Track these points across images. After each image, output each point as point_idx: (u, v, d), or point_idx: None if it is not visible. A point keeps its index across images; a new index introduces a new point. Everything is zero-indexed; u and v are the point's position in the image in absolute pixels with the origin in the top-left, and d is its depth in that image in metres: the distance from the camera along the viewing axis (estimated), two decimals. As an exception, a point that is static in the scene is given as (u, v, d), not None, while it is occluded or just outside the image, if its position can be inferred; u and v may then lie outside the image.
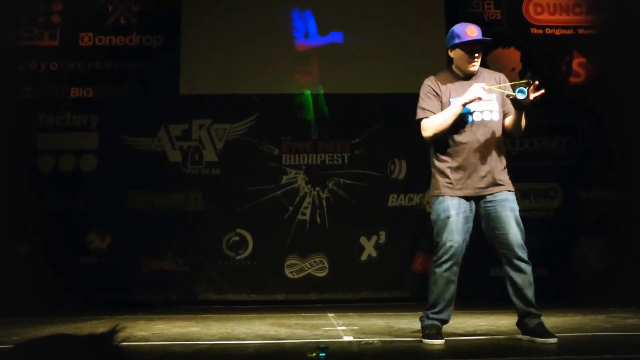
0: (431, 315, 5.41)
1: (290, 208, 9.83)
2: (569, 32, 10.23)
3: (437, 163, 5.53)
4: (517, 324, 5.49)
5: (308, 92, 9.98)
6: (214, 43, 10.10)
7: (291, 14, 10.14)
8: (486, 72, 5.69)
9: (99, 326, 6.56)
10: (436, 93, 5.52)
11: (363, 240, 9.80)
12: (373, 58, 9.92)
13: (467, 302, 8.56)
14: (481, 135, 5.42)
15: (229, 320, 7.43)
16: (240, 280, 9.72)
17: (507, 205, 5.37)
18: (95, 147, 9.82)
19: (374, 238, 9.79)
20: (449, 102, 5.44)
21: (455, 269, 5.38)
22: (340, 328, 6.46)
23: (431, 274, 5.42)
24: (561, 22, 10.25)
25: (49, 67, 9.93)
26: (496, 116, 5.49)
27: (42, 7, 10.02)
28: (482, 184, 5.40)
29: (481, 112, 5.44)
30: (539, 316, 5.41)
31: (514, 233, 5.31)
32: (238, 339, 5.82)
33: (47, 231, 9.41)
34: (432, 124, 5.43)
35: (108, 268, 9.50)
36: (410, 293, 9.49)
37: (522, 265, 5.36)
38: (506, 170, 5.57)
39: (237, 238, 9.77)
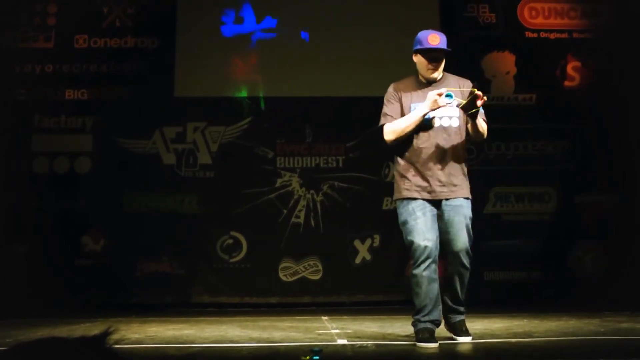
0: (422, 319, 5.42)
1: (285, 211, 9.82)
2: (564, 36, 10.24)
3: (398, 167, 5.68)
4: (443, 315, 5.66)
5: None
6: (209, 45, 10.10)
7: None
8: (451, 78, 5.75)
9: (93, 328, 6.55)
10: (397, 99, 5.65)
11: (357, 243, 9.80)
12: (368, 61, 9.92)
13: (461, 305, 8.58)
14: (441, 141, 5.53)
15: (223, 323, 7.43)
16: (234, 283, 9.72)
17: (461, 212, 5.59)
18: (90, 150, 9.81)
19: (368, 241, 9.79)
20: (410, 107, 5.55)
21: (434, 267, 5.45)
22: (334, 331, 6.46)
23: (412, 277, 5.46)
24: (556, 26, 10.26)
25: (44, 69, 9.92)
26: (456, 122, 5.58)
27: (37, 9, 10.01)
28: (441, 189, 5.53)
29: (440, 118, 5.54)
30: (463, 314, 5.70)
31: (463, 240, 5.53)
32: (232, 341, 5.82)
33: (41, 233, 9.40)
34: (393, 129, 5.57)
35: (102, 270, 9.50)
36: (404, 296, 9.44)
37: (465, 272, 5.58)
38: (466, 176, 5.73)
39: (231, 241, 9.76)
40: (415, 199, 5.51)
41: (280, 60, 10.09)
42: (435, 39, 5.55)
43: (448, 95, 5.36)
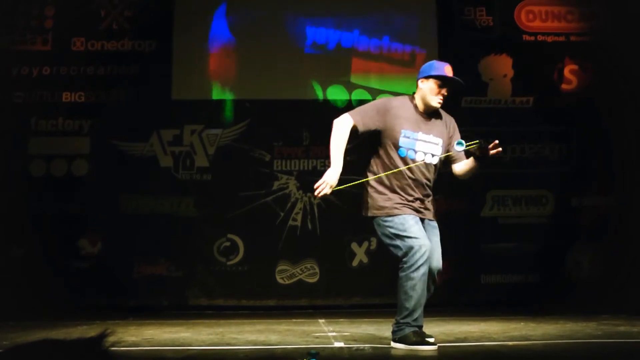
0: (412, 323, 5.42)
1: (282, 214, 9.82)
2: (561, 39, 10.26)
3: (381, 188, 5.75)
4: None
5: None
6: (206, 48, 10.10)
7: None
8: (443, 114, 5.89)
9: (89, 331, 6.54)
10: (385, 113, 5.65)
11: (354, 246, 9.80)
12: (365, 63, 9.92)
13: (459, 309, 8.61)
14: (420, 175, 5.67)
15: (220, 325, 7.43)
16: (231, 286, 9.72)
17: (436, 232, 5.71)
18: (88, 152, 9.81)
19: (365, 244, 9.79)
20: (400, 132, 5.62)
21: (427, 270, 5.48)
22: (331, 334, 6.46)
23: (407, 280, 5.40)
24: (553, 29, 10.27)
25: (42, 71, 9.92)
26: (436, 160, 5.74)
27: (34, 12, 10.00)
28: (422, 210, 5.68)
29: (425, 153, 5.67)
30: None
31: (437, 259, 5.59)
32: (229, 344, 5.82)
33: (38, 235, 9.39)
34: (336, 134, 5.90)
35: (99, 273, 9.49)
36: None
37: (433, 288, 5.66)
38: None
39: (228, 243, 9.76)
40: (402, 212, 5.57)
41: (277, 63, 10.09)
42: (451, 71, 5.63)
43: (459, 143, 5.53)
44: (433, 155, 5.68)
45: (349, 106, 9.81)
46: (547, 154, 10.04)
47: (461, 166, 5.79)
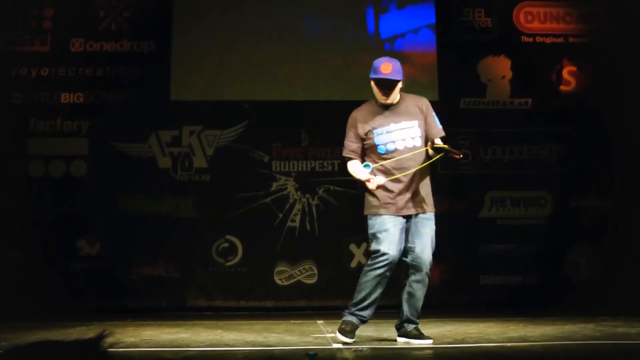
0: (355, 311, 5.81)
1: (280, 215, 9.82)
2: (560, 40, 10.26)
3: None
4: (396, 325, 6.03)
5: None
6: (205, 49, 10.10)
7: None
8: (409, 99, 6.02)
9: (88, 332, 6.54)
10: (355, 129, 5.96)
11: (353, 247, 9.80)
12: (365, 65, 9.91)
13: (457, 310, 8.61)
14: (407, 161, 5.78)
15: (218, 326, 7.42)
16: (230, 287, 9.71)
17: (428, 224, 5.82)
18: (86, 153, 9.80)
19: (364, 245, 9.75)
20: (372, 132, 5.86)
21: (388, 274, 5.77)
22: (330, 335, 6.45)
23: (364, 274, 5.82)
24: (552, 30, 10.27)
25: (40, 72, 9.91)
26: (419, 142, 5.84)
27: (33, 13, 10.00)
28: (408, 205, 5.79)
29: (404, 139, 5.82)
30: (417, 323, 5.92)
31: (428, 251, 5.75)
32: (227, 345, 5.82)
33: (37, 236, 9.38)
34: (350, 170, 6.08)
35: (98, 274, 9.48)
36: (399, 301, 9.47)
37: (426, 280, 5.81)
38: (430, 192, 5.94)
39: (226, 244, 9.76)
40: (386, 214, 5.77)
41: (275, 64, 10.09)
42: (387, 67, 5.83)
43: (366, 166, 5.82)
44: (413, 138, 5.82)
45: (346, 105, 9.83)
46: (545, 155, 10.04)
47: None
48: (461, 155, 5.65)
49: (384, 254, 5.65)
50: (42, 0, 10.05)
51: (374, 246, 5.77)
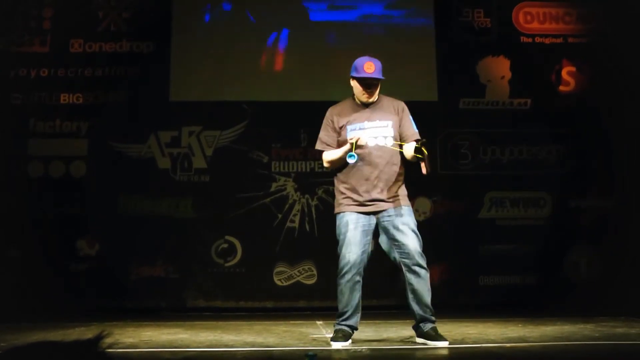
0: (341, 323, 5.80)
1: (280, 215, 9.82)
2: (559, 40, 10.26)
3: (336, 183, 6.06)
4: (413, 327, 5.91)
5: None
6: (205, 50, 10.10)
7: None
8: (386, 100, 6.13)
9: (87, 332, 6.54)
10: (333, 124, 6.09)
11: (352, 248, 9.79)
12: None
13: (456, 310, 8.60)
14: (376, 158, 5.85)
15: (218, 327, 7.41)
16: (229, 288, 9.71)
17: (405, 217, 5.84)
18: (85, 154, 9.80)
19: (363, 245, 9.78)
20: (347, 129, 5.96)
21: (357, 278, 5.82)
22: (329, 336, 6.44)
23: (337, 285, 5.85)
24: (551, 30, 10.27)
25: (40, 73, 9.91)
26: (390, 141, 5.90)
27: (32, 13, 9.99)
28: (379, 201, 5.84)
29: (375, 137, 5.89)
30: (433, 321, 5.81)
31: (412, 241, 5.76)
32: (226, 346, 5.82)
33: (36, 237, 9.38)
34: (327, 159, 6.06)
35: (97, 274, 9.49)
36: (398, 301, 9.46)
37: (422, 271, 5.74)
38: (403, 186, 5.97)
39: (226, 245, 9.76)
40: (350, 212, 5.85)
41: (275, 64, 10.09)
42: (370, 67, 5.95)
43: (351, 156, 5.71)
44: (385, 137, 5.88)
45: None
46: (545, 155, 10.04)
47: (406, 148, 5.82)
48: (428, 171, 5.59)
49: (343, 258, 5.77)
50: (41, 1, 10.04)
51: (338, 249, 5.88)
